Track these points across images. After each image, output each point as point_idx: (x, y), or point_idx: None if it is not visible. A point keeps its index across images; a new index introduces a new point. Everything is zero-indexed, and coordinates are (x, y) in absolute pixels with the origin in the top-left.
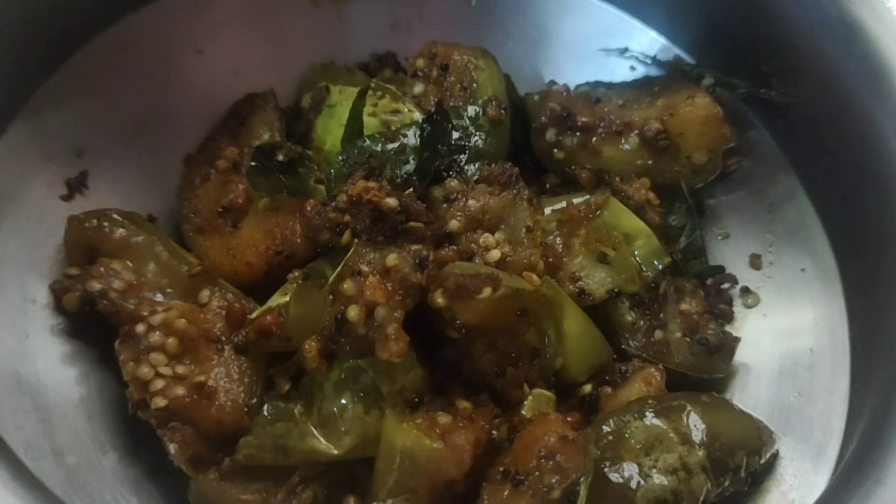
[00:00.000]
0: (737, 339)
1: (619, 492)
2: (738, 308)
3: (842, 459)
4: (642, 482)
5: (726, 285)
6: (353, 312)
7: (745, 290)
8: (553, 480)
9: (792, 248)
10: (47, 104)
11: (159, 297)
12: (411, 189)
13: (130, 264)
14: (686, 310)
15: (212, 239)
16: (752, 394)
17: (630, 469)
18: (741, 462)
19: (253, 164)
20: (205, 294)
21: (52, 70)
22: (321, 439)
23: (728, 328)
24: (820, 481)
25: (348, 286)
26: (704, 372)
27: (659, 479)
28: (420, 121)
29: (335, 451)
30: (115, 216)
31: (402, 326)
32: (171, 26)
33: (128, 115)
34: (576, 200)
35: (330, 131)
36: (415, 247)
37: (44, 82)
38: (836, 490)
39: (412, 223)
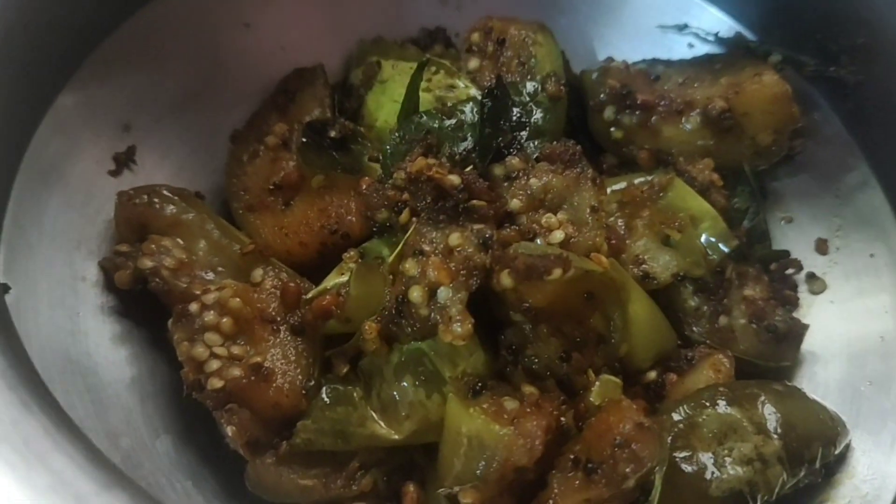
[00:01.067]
0: (805, 326)
1: (693, 482)
2: (803, 294)
3: None
4: (717, 472)
5: (791, 270)
6: (416, 293)
7: (811, 276)
8: (628, 469)
9: (860, 233)
10: (93, 78)
11: (211, 276)
12: (472, 167)
13: (181, 242)
14: (749, 295)
15: (263, 217)
16: (820, 383)
17: (704, 459)
18: (817, 453)
19: (304, 140)
20: (258, 273)
21: (98, 43)
22: (381, 424)
23: (795, 315)
24: (894, 473)
25: (410, 266)
26: (771, 360)
27: (734, 469)
28: (477, 97)
29: (396, 437)
30: (165, 192)
31: (467, 309)
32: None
33: (174, 90)
34: (637, 181)
35: (382, 107)
36: (477, 226)
37: (89, 55)
38: None
39: (475, 201)
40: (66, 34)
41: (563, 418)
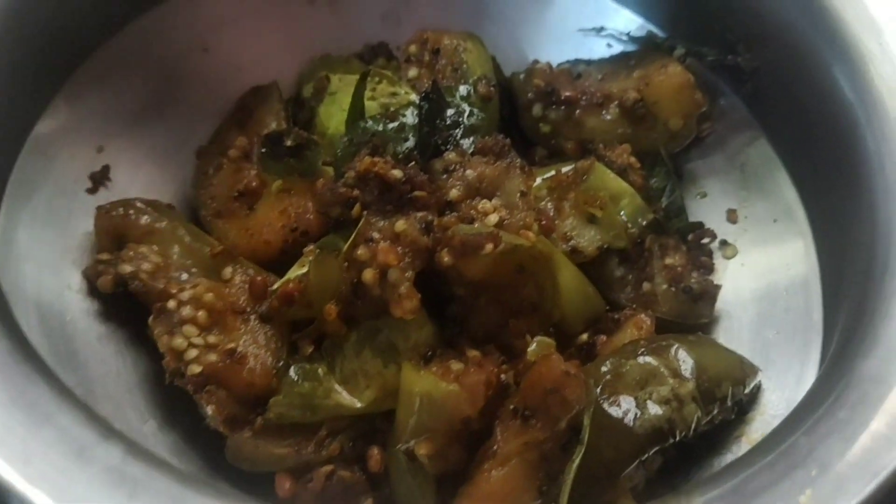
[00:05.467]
0: (717, 287)
1: (618, 423)
2: (717, 260)
3: None
4: (639, 413)
5: (706, 240)
6: (368, 276)
7: (724, 243)
8: (559, 413)
9: (764, 201)
10: (67, 107)
11: (185, 277)
12: (413, 162)
13: (156, 248)
14: (670, 264)
15: (230, 222)
16: (734, 336)
17: (627, 402)
18: (727, 392)
19: (263, 150)
20: (227, 271)
21: (69, 76)
22: (345, 395)
23: (710, 278)
24: None
25: (362, 252)
26: (689, 318)
27: (654, 409)
28: (416, 101)
29: (358, 404)
30: (139, 204)
31: (413, 286)
32: (176, 27)
33: (141, 113)
34: (564, 169)
35: (332, 116)
36: (420, 213)
37: (62, 87)
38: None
39: (416, 192)
40: (39, 70)
41: (503, 375)
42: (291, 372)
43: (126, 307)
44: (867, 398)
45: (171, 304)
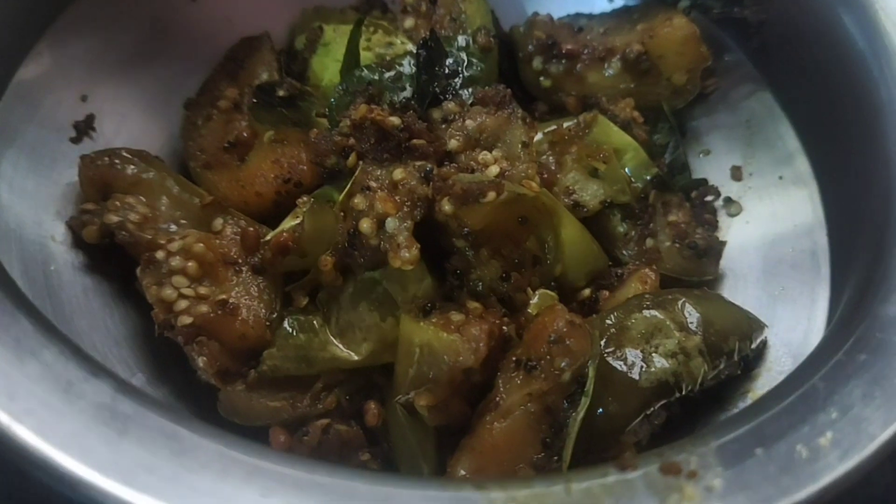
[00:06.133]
0: (723, 243)
1: (624, 376)
2: (722, 218)
3: None
4: (645, 367)
5: (710, 197)
6: (365, 224)
7: (728, 200)
8: (563, 363)
9: (769, 157)
10: (49, 53)
11: (174, 228)
12: (411, 111)
13: (143, 199)
14: (674, 220)
15: (220, 173)
16: (740, 293)
17: (633, 355)
18: (734, 346)
19: (255, 101)
20: (218, 222)
21: (52, 21)
22: (341, 347)
23: (714, 234)
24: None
25: (359, 201)
26: (694, 275)
27: (660, 362)
28: (414, 51)
29: (355, 357)
30: (125, 154)
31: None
32: None
33: (127, 63)
34: (566, 124)
35: (326, 68)
36: (419, 162)
37: (45, 32)
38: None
39: (415, 140)
40: (21, 14)
41: (505, 327)
42: (286, 324)
43: (112, 260)
44: (888, 341)
45: (160, 254)
